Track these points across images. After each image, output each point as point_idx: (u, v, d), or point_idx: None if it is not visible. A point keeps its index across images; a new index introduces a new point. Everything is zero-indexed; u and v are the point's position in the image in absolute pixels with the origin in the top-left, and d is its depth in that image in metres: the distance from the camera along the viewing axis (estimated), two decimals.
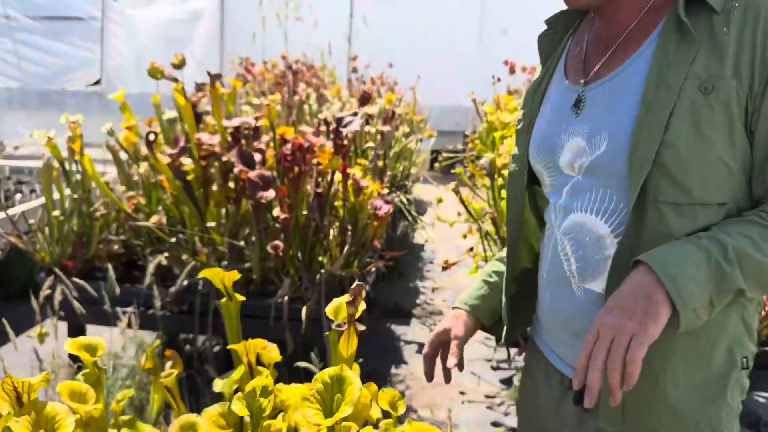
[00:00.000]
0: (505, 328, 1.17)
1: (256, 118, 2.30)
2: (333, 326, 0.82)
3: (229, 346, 0.89)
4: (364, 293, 0.83)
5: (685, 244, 0.88)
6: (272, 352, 0.87)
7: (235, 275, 0.92)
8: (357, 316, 0.81)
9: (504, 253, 1.22)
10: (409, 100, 5.53)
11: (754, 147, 0.91)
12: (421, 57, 6.88)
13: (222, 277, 0.92)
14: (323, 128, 3.17)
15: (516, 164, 1.15)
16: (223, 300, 0.94)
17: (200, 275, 0.99)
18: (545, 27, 1.15)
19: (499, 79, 5.40)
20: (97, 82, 7.63)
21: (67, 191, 2.38)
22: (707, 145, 0.89)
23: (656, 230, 0.91)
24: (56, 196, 2.39)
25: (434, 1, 7.34)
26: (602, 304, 0.93)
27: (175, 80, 2.10)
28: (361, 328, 0.82)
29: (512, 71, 5.38)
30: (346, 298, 0.81)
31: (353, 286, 0.81)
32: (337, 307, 0.84)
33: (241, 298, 0.93)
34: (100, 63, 7.56)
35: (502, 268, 1.21)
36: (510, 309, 1.16)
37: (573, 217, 1.01)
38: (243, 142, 2.19)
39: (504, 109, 4.08)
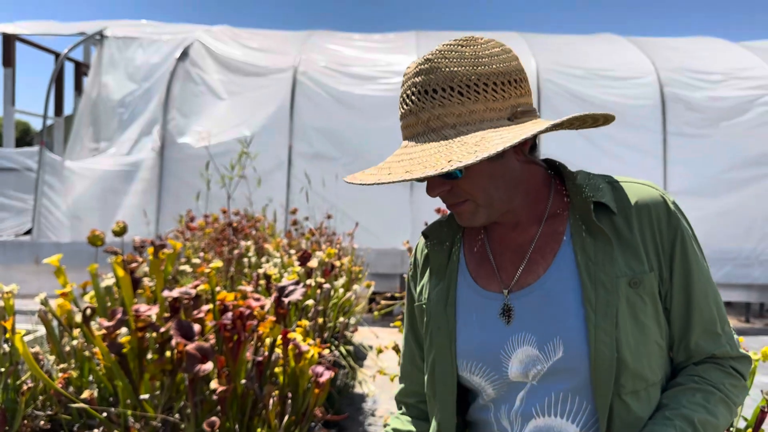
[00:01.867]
0: None
1: (196, 286, 2.32)
2: None
3: None
4: None
5: (663, 428, 0.95)
6: None
7: None
8: None
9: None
10: (346, 245, 5.68)
11: (672, 322, 1.03)
12: (357, 207, 7.17)
13: None
14: (262, 281, 3.21)
15: (443, 382, 1.09)
16: None
17: None
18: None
19: None
20: (28, 232, 7.49)
21: None
22: (647, 332, 0.99)
23: (624, 421, 0.97)
24: None
25: (368, 157, 7.77)
26: None
27: (115, 253, 2.13)
28: None
29: None
30: None
31: None
32: None
33: None
34: (33, 213, 7.47)
35: None
36: None
37: (536, 422, 1.00)
38: (182, 312, 2.19)
39: None
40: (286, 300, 2.11)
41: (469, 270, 1.11)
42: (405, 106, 1.00)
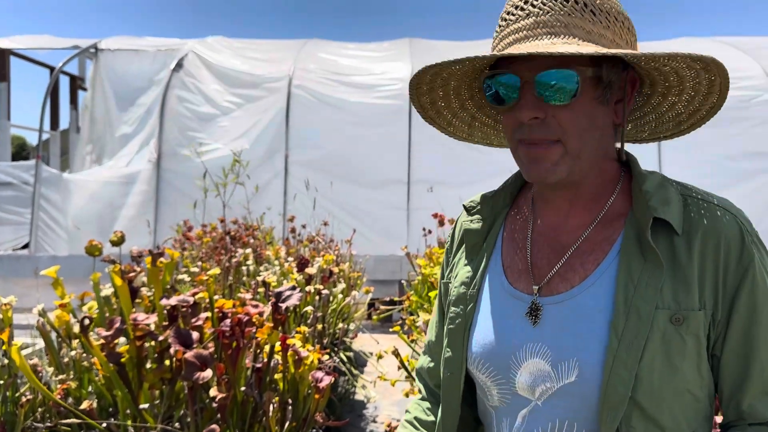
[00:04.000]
0: None
1: (194, 294, 2.32)
2: None
3: None
4: None
5: None
6: None
7: None
8: None
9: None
10: (344, 252, 5.68)
11: (722, 372, 0.88)
12: (355, 214, 7.18)
13: None
14: (261, 289, 3.20)
15: (450, 370, 1.01)
16: None
17: None
18: (469, 205, 1.06)
19: (429, 231, 5.66)
20: (26, 246, 7.48)
21: None
22: (678, 377, 0.85)
23: None
24: None
25: (364, 164, 7.80)
26: None
27: (113, 262, 2.13)
28: None
29: (441, 223, 5.67)
30: None
31: None
32: None
33: None
34: (30, 227, 7.46)
35: None
36: None
37: None
38: (180, 320, 2.19)
39: (436, 263, 4.26)
40: (282, 305, 2.11)
41: (502, 258, 1.00)
42: (520, 11, 0.87)
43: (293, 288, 2.17)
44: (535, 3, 0.86)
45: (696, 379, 0.87)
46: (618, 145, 0.98)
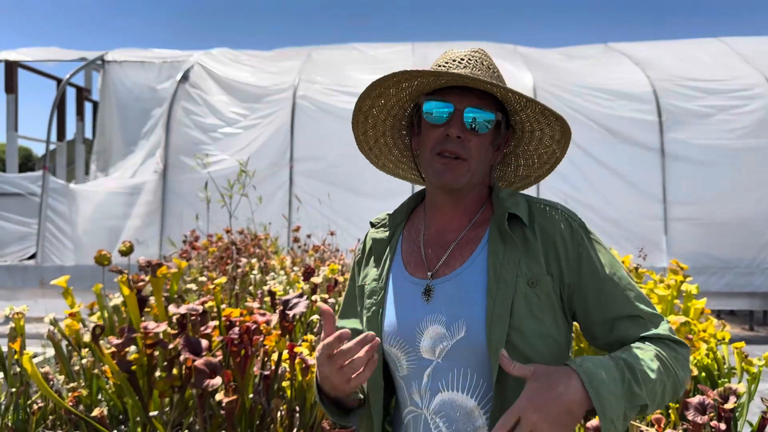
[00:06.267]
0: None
1: (203, 303, 2.35)
2: None
3: None
4: None
5: (605, 360, 1.05)
6: None
7: None
8: None
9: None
10: (349, 262, 5.71)
11: (593, 318, 1.16)
12: (358, 223, 7.20)
13: None
14: (267, 298, 3.23)
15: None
16: None
17: None
18: (373, 225, 1.37)
19: None
20: (32, 256, 7.53)
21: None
22: (540, 325, 1.14)
23: (516, 397, 1.06)
24: None
25: (368, 174, 7.82)
26: None
27: (120, 272, 2.16)
28: None
29: None
30: None
31: None
32: None
33: None
34: (37, 237, 7.51)
35: None
36: None
37: (441, 396, 1.16)
38: (189, 327, 2.22)
39: None
40: (290, 313, 2.14)
41: (402, 257, 1.29)
42: (458, 62, 1.20)
43: (300, 296, 2.20)
44: (470, 62, 1.19)
45: (554, 328, 1.15)
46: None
